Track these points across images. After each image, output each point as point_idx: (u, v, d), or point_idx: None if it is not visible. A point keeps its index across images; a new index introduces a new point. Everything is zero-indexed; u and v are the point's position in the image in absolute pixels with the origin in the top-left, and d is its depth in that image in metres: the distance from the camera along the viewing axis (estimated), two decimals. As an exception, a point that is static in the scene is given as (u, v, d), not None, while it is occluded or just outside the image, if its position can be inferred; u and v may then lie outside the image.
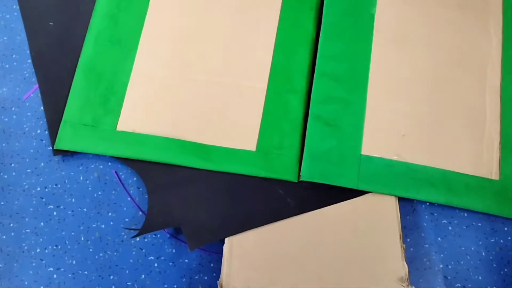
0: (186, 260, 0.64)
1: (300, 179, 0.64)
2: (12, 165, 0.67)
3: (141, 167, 0.65)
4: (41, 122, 0.69)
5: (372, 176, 0.63)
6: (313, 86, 0.68)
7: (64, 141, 0.65)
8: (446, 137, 0.66)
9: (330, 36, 0.69)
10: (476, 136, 0.66)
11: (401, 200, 0.64)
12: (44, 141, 0.68)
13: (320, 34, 0.69)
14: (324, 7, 0.71)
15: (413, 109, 0.67)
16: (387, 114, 0.66)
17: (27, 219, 0.65)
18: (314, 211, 0.63)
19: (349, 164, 0.64)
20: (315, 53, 0.70)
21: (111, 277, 0.63)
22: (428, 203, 0.66)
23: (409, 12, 0.71)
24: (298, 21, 0.72)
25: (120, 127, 0.66)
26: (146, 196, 0.65)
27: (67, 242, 0.64)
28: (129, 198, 0.66)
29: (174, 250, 0.64)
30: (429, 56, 0.69)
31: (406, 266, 0.59)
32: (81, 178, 0.67)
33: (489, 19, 0.71)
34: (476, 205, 0.64)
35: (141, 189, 0.66)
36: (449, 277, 0.63)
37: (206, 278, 0.63)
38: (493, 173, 0.65)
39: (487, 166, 0.65)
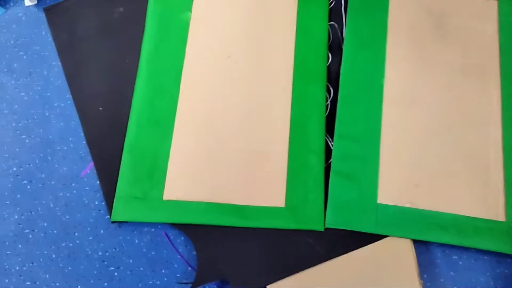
0: (233, 308, 0.73)
1: (326, 227, 0.74)
2: (76, 234, 0.77)
3: (188, 228, 0.75)
4: (98, 194, 0.79)
5: (388, 222, 0.73)
6: (333, 146, 0.78)
7: (119, 214, 0.76)
8: (454, 185, 0.76)
9: (346, 104, 0.80)
10: (482, 183, 0.76)
11: (415, 241, 0.73)
12: (102, 211, 0.79)
13: (338, 102, 0.81)
14: (340, 80, 0.82)
15: (423, 162, 0.77)
16: (399, 167, 0.77)
17: (92, 281, 0.75)
18: (340, 256, 0.73)
19: (368, 212, 0.74)
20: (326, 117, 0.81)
21: (169, 327, 0.72)
22: (439, 243, 0.75)
23: (415, 80, 0.82)
24: (309, 92, 0.83)
25: (166, 196, 0.77)
26: (194, 253, 0.75)
27: (128, 298, 0.74)
28: (179, 256, 0.76)
29: (221, 299, 0.74)
30: (436, 115, 0.80)
31: (425, 299, 0.68)
32: (136, 241, 0.77)
33: (489, 81, 0.82)
34: (485, 245, 0.73)
35: (188, 247, 0.76)
36: (464, 307, 0.72)
37: (251, 322, 0.72)
38: (499, 215, 0.74)
39: (494, 209, 0.75)
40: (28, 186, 0.80)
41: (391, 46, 0.84)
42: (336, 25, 0.88)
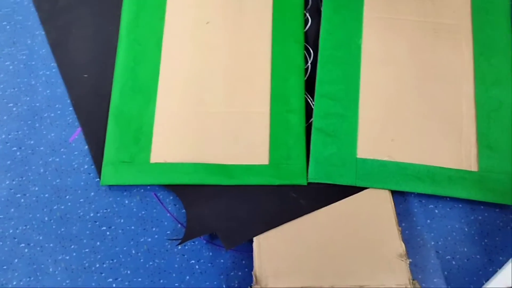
0: (222, 261, 0.76)
1: (308, 181, 0.77)
2: (67, 197, 0.80)
3: (176, 187, 0.78)
4: (87, 158, 0.82)
5: (367, 175, 0.77)
6: (314, 104, 0.81)
7: (108, 178, 0.79)
8: (429, 138, 0.80)
9: (326, 64, 0.83)
10: (455, 136, 0.80)
11: (394, 192, 0.77)
12: (91, 174, 0.81)
13: (318, 63, 0.83)
14: (319, 41, 0.85)
15: (399, 117, 0.80)
16: (377, 123, 0.80)
17: (85, 241, 0.77)
18: (323, 208, 0.76)
19: (348, 166, 0.78)
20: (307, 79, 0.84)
21: (161, 281, 0.75)
22: (416, 192, 0.79)
23: (391, 39, 0.85)
24: (288, 54, 0.85)
25: (153, 159, 0.79)
26: (183, 211, 0.78)
27: (121, 256, 0.77)
28: (168, 214, 0.78)
29: (211, 253, 0.77)
30: (411, 73, 0.83)
31: (403, 245, 0.72)
32: (126, 201, 0.79)
33: (461, 39, 0.85)
34: (459, 193, 0.77)
35: (177, 206, 0.79)
36: (440, 252, 0.77)
37: (240, 273, 0.76)
38: (472, 166, 0.78)
39: (466, 160, 0.79)
40: (18, 153, 0.82)
41: (367, 8, 0.87)
42: (314, -11, 0.90)
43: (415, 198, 0.79)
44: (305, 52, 0.86)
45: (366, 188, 0.77)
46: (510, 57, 0.84)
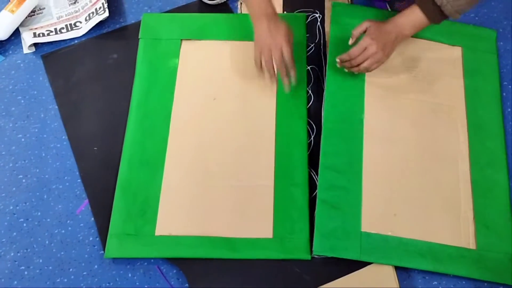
0: (225, 338, 0.75)
1: (313, 254, 0.78)
2: (70, 269, 0.80)
3: (180, 261, 0.78)
4: (93, 230, 0.82)
5: (371, 249, 0.78)
6: (318, 177, 0.83)
7: (113, 251, 0.79)
8: (429, 215, 0.81)
9: (330, 137, 0.86)
10: (454, 213, 0.81)
11: (397, 268, 0.78)
12: (96, 247, 0.81)
13: (322, 136, 0.86)
14: (323, 116, 0.88)
15: (401, 193, 0.82)
16: (380, 197, 0.82)
17: (86, 316, 0.77)
18: (327, 284, 0.76)
19: (352, 240, 0.78)
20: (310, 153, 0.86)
21: None
22: (420, 269, 0.79)
23: (392, 117, 0.88)
24: (291, 129, 0.88)
25: (158, 232, 0.80)
26: (186, 285, 0.77)
27: (122, 332, 0.76)
28: (171, 289, 0.78)
29: (213, 330, 0.76)
30: (412, 150, 0.86)
31: (408, 323, 0.72)
32: (129, 275, 0.79)
33: (456, 120, 0.89)
34: (459, 271, 0.78)
35: (180, 280, 0.79)
36: (446, 330, 0.76)
37: None
38: (470, 244, 0.79)
39: (465, 238, 0.80)
40: (24, 224, 0.83)
41: (369, 86, 0.91)
42: (316, 68, 0.95)
43: (418, 275, 0.79)
44: (308, 127, 0.89)
45: (370, 263, 0.77)
46: (503, 139, 0.87)
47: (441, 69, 0.93)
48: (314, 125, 0.89)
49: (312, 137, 0.89)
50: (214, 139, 0.87)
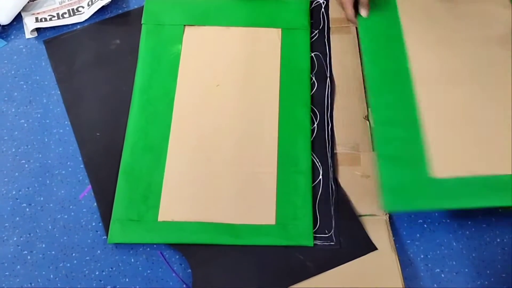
0: (227, 323, 0.75)
1: (386, 211, 0.78)
2: (73, 254, 0.80)
3: (182, 246, 0.79)
4: (95, 216, 0.82)
5: (446, 195, 0.74)
6: (373, 133, 0.82)
7: (116, 236, 0.79)
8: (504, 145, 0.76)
9: (376, 92, 0.84)
10: None
11: (400, 254, 0.77)
12: (99, 232, 0.81)
13: (368, 93, 0.85)
14: (364, 73, 0.87)
15: (473, 130, 0.78)
16: (446, 138, 0.78)
17: (89, 300, 0.77)
18: (328, 271, 0.76)
19: (423, 189, 0.74)
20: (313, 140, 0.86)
21: None
22: (423, 256, 0.79)
23: (442, 59, 0.85)
24: (295, 116, 0.88)
25: (161, 218, 0.80)
26: (189, 271, 0.78)
27: (125, 317, 0.76)
28: (174, 274, 0.78)
29: (216, 315, 0.76)
30: (473, 87, 0.82)
31: (410, 310, 0.72)
32: (132, 260, 0.79)
33: None
34: None
35: (183, 265, 0.79)
36: (448, 317, 0.76)
37: (245, 337, 0.75)
38: None
39: None
40: (27, 209, 0.83)
41: (408, 32, 0.88)
42: (320, 55, 0.94)
43: (421, 262, 0.79)
44: (311, 114, 0.88)
45: (372, 246, 0.77)
46: None
47: (486, 8, 0.89)
48: (317, 112, 0.89)
49: (316, 123, 0.88)
50: (217, 125, 0.87)
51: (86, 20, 0.99)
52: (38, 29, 0.99)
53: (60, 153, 0.88)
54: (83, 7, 1.00)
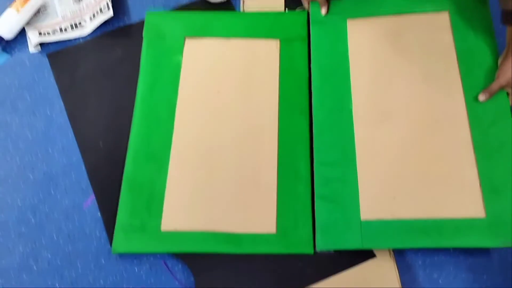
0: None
1: (317, 250, 0.79)
2: (78, 263, 0.81)
3: (185, 255, 0.80)
4: (99, 225, 0.84)
5: (373, 236, 0.78)
6: (314, 173, 0.84)
7: (120, 246, 0.81)
8: (431, 191, 0.80)
9: (321, 133, 0.86)
10: (458, 184, 0.80)
11: (398, 261, 0.79)
12: (102, 241, 0.83)
13: (313, 132, 0.87)
14: (313, 112, 0.89)
15: (399, 174, 0.82)
16: (377, 183, 0.82)
17: (93, 308, 0.78)
18: (328, 279, 0.78)
19: (353, 230, 0.79)
20: (311, 146, 0.87)
21: None
22: (421, 262, 0.81)
23: (382, 97, 0.87)
24: (294, 123, 0.90)
25: (164, 227, 0.81)
26: (192, 279, 0.79)
27: (129, 324, 0.77)
28: (176, 282, 0.80)
29: (218, 322, 0.77)
30: (405, 127, 0.85)
31: (409, 315, 0.73)
32: (136, 269, 0.81)
33: (451, 86, 0.86)
34: (468, 243, 0.76)
35: (186, 274, 0.80)
36: (446, 322, 0.77)
37: None
38: (478, 212, 0.77)
39: (473, 207, 0.78)
40: (32, 219, 0.84)
41: (354, 71, 0.90)
42: (318, 65, 0.96)
43: (420, 268, 0.81)
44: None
45: (371, 253, 0.79)
46: (505, 95, 0.84)
47: (428, 38, 0.91)
48: (316, 121, 0.91)
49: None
50: (218, 133, 0.89)
51: (88, 34, 1.01)
52: (41, 43, 1.01)
53: (64, 163, 0.89)
54: (85, 21, 1.01)
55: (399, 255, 0.81)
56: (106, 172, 0.88)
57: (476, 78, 0.86)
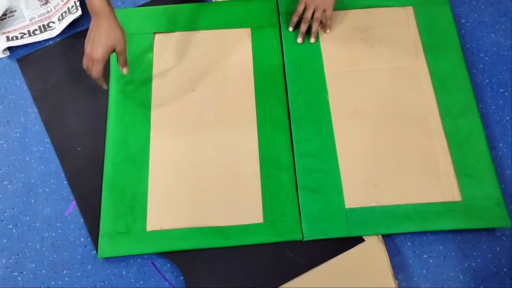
0: (223, 326, 0.76)
1: (304, 240, 0.79)
2: (64, 272, 0.80)
3: (173, 254, 0.79)
4: (83, 231, 0.82)
5: (358, 224, 0.79)
6: (295, 164, 0.84)
7: (106, 251, 0.79)
8: (410, 178, 0.83)
9: (299, 124, 0.87)
10: (434, 171, 0.83)
11: (387, 244, 0.79)
12: (88, 247, 0.81)
13: (292, 125, 0.87)
14: (289, 104, 0.89)
15: (378, 163, 0.84)
16: (358, 172, 0.83)
17: (83, 316, 0.77)
18: (319, 267, 0.77)
19: (339, 218, 0.80)
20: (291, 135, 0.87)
21: None
22: (410, 243, 0.81)
23: (355, 91, 0.90)
24: (272, 113, 0.89)
25: (149, 228, 0.80)
26: (181, 278, 0.78)
27: (121, 329, 0.76)
28: (166, 283, 0.79)
29: (211, 320, 0.76)
30: (380, 119, 0.87)
31: (401, 298, 0.73)
32: (124, 272, 0.80)
33: (420, 79, 0.90)
34: (447, 226, 0.80)
35: (175, 273, 0.79)
36: (438, 301, 0.77)
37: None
38: (455, 196, 0.81)
39: (449, 192, 0.82)
40: (14, 230, 0.83)
41: (328, 66, 0.92)
42: (295, 52, 0.95)
43: (409, 249, 0.80)
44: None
45: (360, 239, 0.79)
46: (470, 87, 0.89)
47: (396, 32, 0.95)
48: (296, 109, 0.90)
49: (295, 120, 0.89)
50: (196, 130, 0.88)
51: (58, 35, 0.98)
52: (10, 48, 0.98)
53: (43, 171, 0.87)
54: (54, 23, 0.99)
55: (388, 238, 0.80)
56: (86, 177, 0.86)
57: (443, 71, 0.91)
